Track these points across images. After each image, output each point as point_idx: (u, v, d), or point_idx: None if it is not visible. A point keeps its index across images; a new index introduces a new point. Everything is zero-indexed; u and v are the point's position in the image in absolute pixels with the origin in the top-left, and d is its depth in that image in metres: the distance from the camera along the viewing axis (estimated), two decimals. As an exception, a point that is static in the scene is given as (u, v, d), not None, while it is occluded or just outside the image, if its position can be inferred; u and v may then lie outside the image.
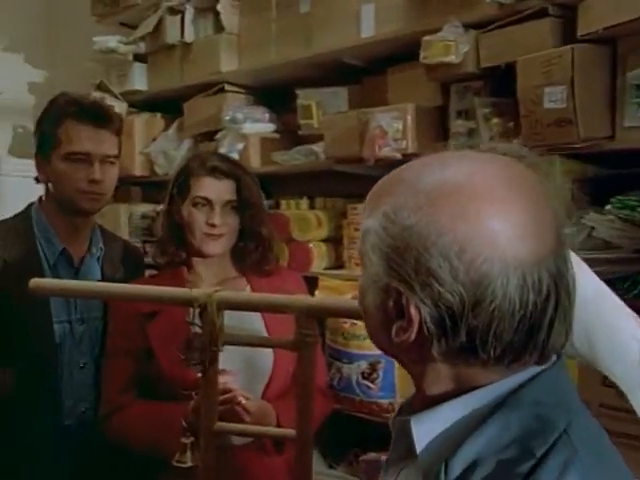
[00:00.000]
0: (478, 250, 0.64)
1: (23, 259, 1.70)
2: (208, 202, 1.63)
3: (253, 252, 1.69)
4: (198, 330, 1.27)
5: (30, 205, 1.82)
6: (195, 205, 1.63)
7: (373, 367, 2.07)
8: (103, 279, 1.77)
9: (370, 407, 2.09)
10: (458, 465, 0.66)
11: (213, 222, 1.61)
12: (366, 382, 2.10)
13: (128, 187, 3.14)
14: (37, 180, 1.82)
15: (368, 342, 0.93)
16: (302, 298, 1.27)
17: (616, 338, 0.73)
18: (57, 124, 1.71)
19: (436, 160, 0.72)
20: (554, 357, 0.72)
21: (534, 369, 0.70)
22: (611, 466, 0.69)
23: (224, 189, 1.64)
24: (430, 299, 0.65)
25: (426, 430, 0.70)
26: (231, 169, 1.66)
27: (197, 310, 1.27)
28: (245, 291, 1.67)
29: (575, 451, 0.65)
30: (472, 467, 0.65)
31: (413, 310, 0.66)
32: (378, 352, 0.81)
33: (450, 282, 0.64)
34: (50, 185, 1.77)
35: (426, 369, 0.71)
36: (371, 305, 0.72)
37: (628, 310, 0.92)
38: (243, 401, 1.47)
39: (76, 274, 1.76)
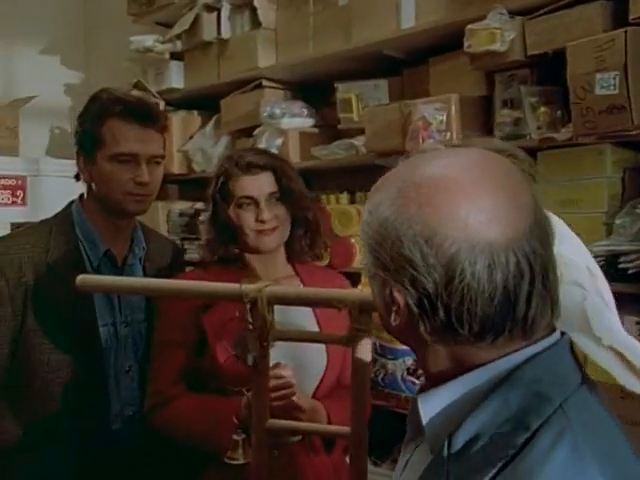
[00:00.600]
0: (447, 234, 0.69)
1: (66, 262, 1.66)
2: (252, 200, 1.61)
3: (302, 238, 1.68)
4: (249, 325, 1.26)
5: (71, 203, 1.78)
6: (240, 206, 1.61)
7: (418, 363, 2.04)
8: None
9: (416, 404, 2.05)
10: (461, 439, 0.71)
11: (262, 218, 1.59)
12: (411, 378, 2.07)
13: (166, 185, 3.14)
14: (77, 178, 1.77)
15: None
16: (355, 292, 1.25)
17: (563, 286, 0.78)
18: (100, 123, 1.66)
19: (418, 158, 0.78)
20: (557, 335, 0.75)
21: (534, 348, 0.73)
22: (607, 439, 0.72)
23: (264, 183, 1.62)
24: (409, 283, 0.71)
25: (431, 407, 0.75)
26: (266, 161, 1.64)
27: (247, 305, 1.25)
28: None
29: (569, 424, 0.69)
30: (473, 441, 0.70)
31: (397, 295, 0.73)
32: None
33: (422, 266, 0.70)
34: (93, 185, 1.72)
35: (425, 350, 0.76)
36: (376, 295, 0.79)
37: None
38: (296, 398, 1.45)
39: (120, 275, 1.71)
